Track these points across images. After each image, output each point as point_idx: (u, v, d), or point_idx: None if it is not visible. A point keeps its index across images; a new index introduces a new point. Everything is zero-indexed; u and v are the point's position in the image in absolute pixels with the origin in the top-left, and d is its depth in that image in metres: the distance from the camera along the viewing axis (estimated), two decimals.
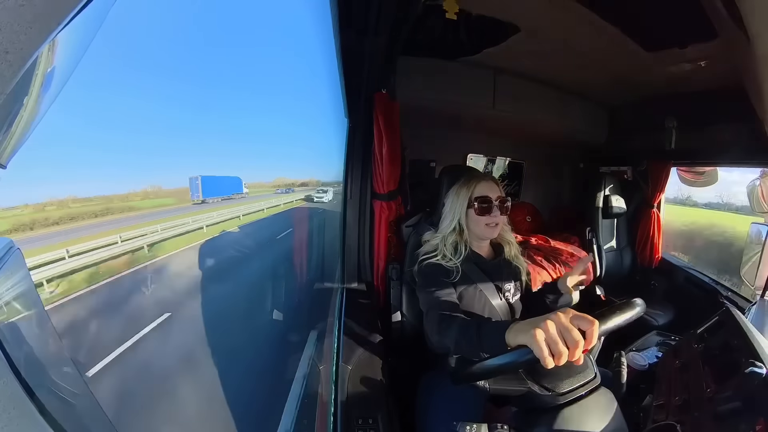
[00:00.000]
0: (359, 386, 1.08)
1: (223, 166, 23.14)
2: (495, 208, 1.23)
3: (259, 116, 43.89)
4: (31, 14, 0.35)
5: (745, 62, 1.23)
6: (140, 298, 5.70)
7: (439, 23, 1.64)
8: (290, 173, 24.50)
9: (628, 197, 2.70)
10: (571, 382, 0.86)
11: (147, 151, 16.98)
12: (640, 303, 0.77)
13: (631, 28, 1.62)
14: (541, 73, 2.20)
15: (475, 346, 0.89)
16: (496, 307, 1.24)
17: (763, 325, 1.28)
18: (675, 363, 1.18)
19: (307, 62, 75.47)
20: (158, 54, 36.11)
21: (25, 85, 0.43)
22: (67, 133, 14.65)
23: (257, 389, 2.63)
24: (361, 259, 1.74)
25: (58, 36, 0.40)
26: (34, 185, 10.45)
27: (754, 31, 0.95)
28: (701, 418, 0.89)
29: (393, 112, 1.56)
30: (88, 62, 0.60)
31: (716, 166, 2.35)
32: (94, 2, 0.42)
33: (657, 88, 2.19)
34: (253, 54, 73.94)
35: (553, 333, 0.68)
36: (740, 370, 0.90)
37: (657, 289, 2.59)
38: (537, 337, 0.68)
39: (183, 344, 4.28)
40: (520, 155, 3.09)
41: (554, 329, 0.68)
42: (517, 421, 0.95)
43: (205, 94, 33.18)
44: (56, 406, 0.51)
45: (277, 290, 5.27)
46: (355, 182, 1.71)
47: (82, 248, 6.35)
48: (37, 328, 0.58)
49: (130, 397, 3.16)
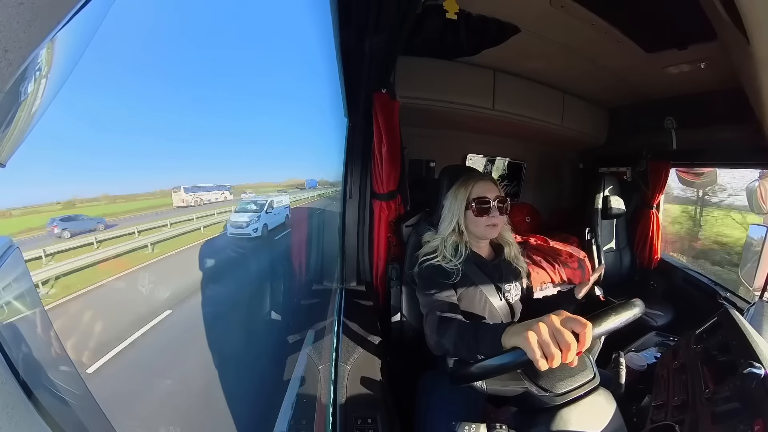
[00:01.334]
0: (358, 386, 1.08)
1: (221, 168, 22.94)
2: (493, 209, 1.22)
3: (257, 117, 43.88)
4: (30, 12, 0.35)
5: (744, 64, 1.24)
6: (139, 297, 5.69)
7: (439, 23, 1.63)
8: (297, 173, 24.38)
9: (628, 198, 2.70)
10: (570, 383, 0.86)
11: (148, 154, 16.85)
12: (639, 304, 0.77)
13: (631, 29, 1.62)
14: (541, 74, 2.20)
15: (472, 349, 0.89)
16: (496, 308, 1.24)
17: (761, 326, 1.29)
18: (674, 363, 1.19)
19: (307, 61, 75.46)
20: (155, 54, 36.10)
21: (24, 83, 0.43)
22: (83, 135, 14.49)
23: (255, 389, 2.63)
24: (361, 259, 1.74)
25: (58, 34, 0.40)
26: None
27: (753, 33, 0.96)
28: (700, 418, 0.89)
29: (392, 111, 1.56)
30: (85, 63, 0.60)
31: (715, 167, 2.36)
32: (94, 1, 0.42)
33: (656, 89, 2.20)
34: (251, 54, 73.90)
35: (545, 336, 0.68)
36: (738, 370, 0.90)
37: (656, 289, 2.60)
38: (529, 340, 0.68)
39: (181, 344, 4.27)
40: (520, 155, 3.09)
41: (546, 332, 0.69)
42: (515, 422, 0.95)
43: (203, 95, 33.19)
44: (55, 406, 0.51)
45: (275, 290, 5.27)
46: (354, 182, 1.71)
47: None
48: (36, 327, 0.58)
49: (127, 394, 3.16)
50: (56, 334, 0.62)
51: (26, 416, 0.46)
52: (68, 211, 7.77)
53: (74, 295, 5.22)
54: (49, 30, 0.38)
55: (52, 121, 9.61)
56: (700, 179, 2.49)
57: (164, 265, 6.70)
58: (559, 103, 2.42)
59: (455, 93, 2.07)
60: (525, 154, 3.09)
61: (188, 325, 4.69)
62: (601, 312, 0.74)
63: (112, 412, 0.66)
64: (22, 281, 0.56)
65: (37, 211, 7.97)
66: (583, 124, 2.61)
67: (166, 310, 4.78)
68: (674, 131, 2.24)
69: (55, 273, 5.37)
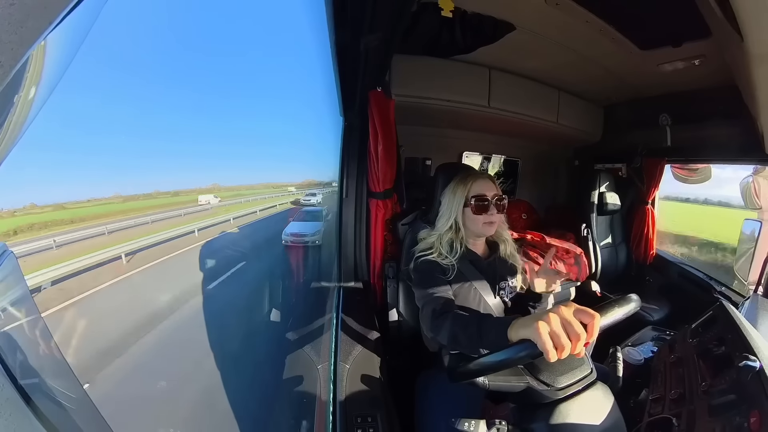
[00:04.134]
0: (357, 385, 1.09)
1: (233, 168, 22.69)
2: (492, 207, 1.23)
3: (251, 117, 43.52)
4: (21, 14, 0.34)
5: (737, 61, 1.25)
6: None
7: (435, 21, 1.63)
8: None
9: (623, 194, 2.72)
10: (570, 377, 0.87)
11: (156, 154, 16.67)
12: (636, 299, 0.78)
13: (626, 26, 1.62)
14: (537, 71, 2.21)
15: (475, 343, 0.89)
16: (491, 306, 1.24)
17: (756, 319, 1.30)
18: (670, 357, 1.20)
19: (302, 60, 75.03)
20: (149, 54, 35.71)
21: (16, 85, 0.43)
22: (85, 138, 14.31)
23: (255, 389, 2.62)
24: (358, 257, 1.74)
25: (50, 35, 0.39)
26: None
27: (747, 30, 0.96)
28: (696, 411, 0.90)
29: (388, 110, 1.56)
30: (78, 64, 0.59)
31: (710, 163, 2.37)
32: (86, 1, 0.41)
33: (651, 86, 2.21)
34: (247, 52, 73.42)
35: (557, 326, 0.69)
36: (734, 363, 0.91)
37: (652, 284, 2.62)
38: (540, 330, 0.68)
39: (178, 344, 4.25)
40: (516, 153, 3.10)
41: (557, 322, 0.69)
42: (515, 417, 0.96)
43: (201, 97, 32.84)
44: (53, 410, 0.51)
45: (274, 289, 5.26)
46: (350, 181, 1.71)
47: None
48: (32, 332, 0.57)
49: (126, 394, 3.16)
50: (53, 338, 0.62)
51: (24, 421, 0.46)
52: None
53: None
54: (41, 31, 0.38)
55: (46, 123, 9.39)
56: (695, 175, 2.50)
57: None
58: (554, 101, 2.43)
59: (451, 91, 2.07)
60: (521, 151, 3.09)
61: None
62: (606, 304, 0.75)
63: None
64: (17, 286, 0.56)
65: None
66: (579, 121, 2.62)
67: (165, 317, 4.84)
68: (669, 128, 2.26)
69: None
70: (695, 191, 3.96)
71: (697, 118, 2.07)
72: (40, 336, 0.59)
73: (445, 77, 2.03)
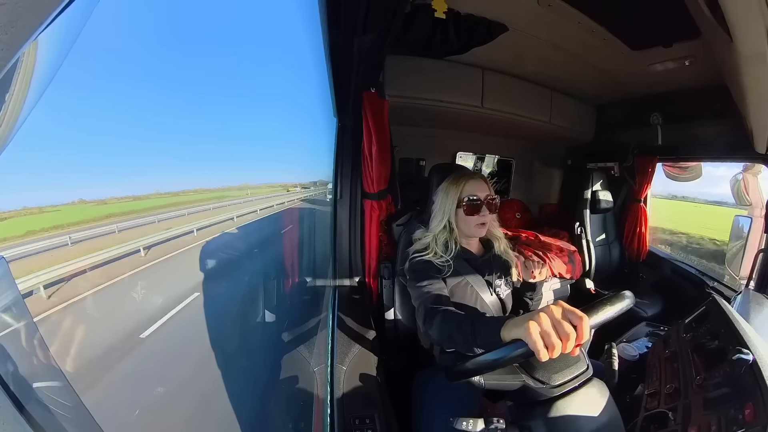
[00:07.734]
0: (355, 386, 1.08)
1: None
2: (484, 207, 1.24)
3: (244, 118, 43.19)
4: (12, 13, 0.34)
5: (727, 60, 1.27)
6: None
7: (428, 22, 1.64)
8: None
9: (616, 192, 2.75)
10: (565, 374, 0.87)
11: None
12: (629, 295, 0.78)
13: (618, 27, 1.65)
14: (529, 72, 2.22)
15: (469, 342, 0.89)
16: (487, 302, 1.25)
17: (748, 313, 1.31)
18: (665, 352, 1.21)
19: (295, 61, 74.77)
20: (141, 54, 35.27)
21: (6, 85, 0.42)
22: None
23: (252, 392, 2.60)
24: (353, 258, 1.73)
25: (41, 35, 0.39)
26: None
27: (736, 31, 0.98)
28: (692, 404, 0.91)
29: (382, 110, 1.56)
30: (69, 64, 0.58)
31: (700, 160, 2.41)
32: (77, 1, 0.41)
33: (643, 86, 2.23)
34: (239, 53, 72.94)
35: (547, 326, 0.69)
36: (728, 357, 0.92)
37: (645, 281, 2.65)
38: (531, 330, 0.69)
39: (176, 344, 4.20)
40: (509, 153, 3.11)
41: (547, 322, 0.69)
42: (512, 415, 0.96)
43: (200, 98, 32.53)
44: (46, 418, 0.50)
45: (269, 291, 5.22)
46: (345, 182, 1.70)
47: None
48: (24, 339, 0.56)
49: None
50: (46, 344, 0.60)
51: (18, 429, 0.45)
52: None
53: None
54: (31, 31, 0.37)
55: (37, 123, 9.22)
56: (686, 173, 2.54)
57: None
58: (547, 101, 2.45)
59: (444, 91, 2.08)
60: (514, 151, 3.11)
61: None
62: (595, 303, 0.75)
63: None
64: (9, 292, 0.55)
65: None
66: (571, 120, 2.64)
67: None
68: (660, 127, 2.29)
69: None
70: (694, 190, 4.03)
71: (688, 117, 2.10)
72: (33, 342, 0.58)
73: (438, 78, 2.04)
